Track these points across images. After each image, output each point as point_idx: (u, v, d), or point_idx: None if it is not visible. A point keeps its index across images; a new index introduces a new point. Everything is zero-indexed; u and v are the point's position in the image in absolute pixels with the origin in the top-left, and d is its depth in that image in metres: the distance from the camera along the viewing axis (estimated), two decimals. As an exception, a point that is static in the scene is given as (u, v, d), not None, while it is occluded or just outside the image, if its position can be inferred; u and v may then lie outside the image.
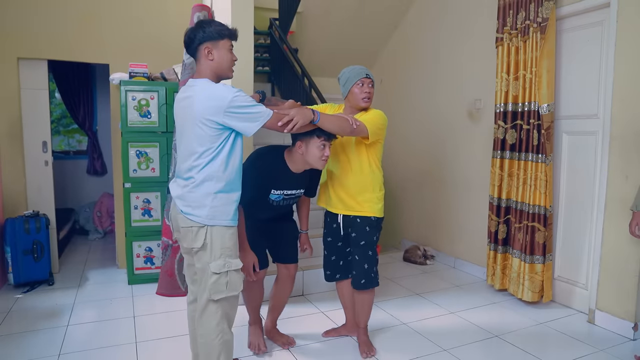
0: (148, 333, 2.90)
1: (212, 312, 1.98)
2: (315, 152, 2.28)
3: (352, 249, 2.59)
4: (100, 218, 5.54)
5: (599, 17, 3.06)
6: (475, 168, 4.07)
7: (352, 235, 2.55)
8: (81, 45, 4.06)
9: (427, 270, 4.28)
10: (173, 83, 3.85)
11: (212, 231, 1.95)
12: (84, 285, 3.77)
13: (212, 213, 1.94)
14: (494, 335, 2.92)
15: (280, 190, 2.40)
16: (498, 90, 3.57)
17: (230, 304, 2.03)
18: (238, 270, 2.02)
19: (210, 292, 1.96)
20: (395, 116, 5.20)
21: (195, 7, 3.44)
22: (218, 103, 1.87)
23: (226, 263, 1.96)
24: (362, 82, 2.49)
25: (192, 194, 1.96)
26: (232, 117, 1.89)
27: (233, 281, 1.99)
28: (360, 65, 2.59)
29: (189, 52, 2.04)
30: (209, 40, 1.96)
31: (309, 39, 5.04)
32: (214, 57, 1.98)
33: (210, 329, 1.99)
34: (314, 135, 2.25)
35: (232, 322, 2.07)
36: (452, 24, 4.34)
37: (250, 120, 1.92)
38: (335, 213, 2.60)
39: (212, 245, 1.95)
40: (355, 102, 2.51)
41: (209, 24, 1.99)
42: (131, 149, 3.74)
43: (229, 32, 2.02)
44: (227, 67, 2.03)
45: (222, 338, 1.99)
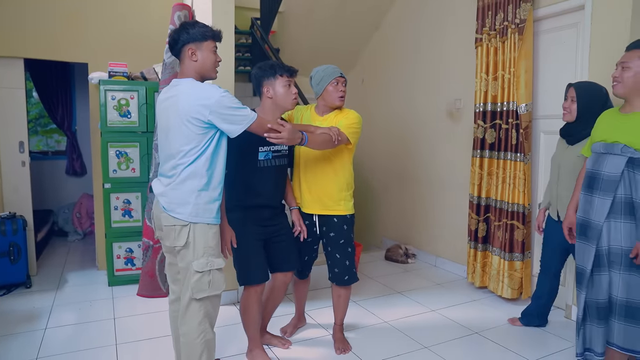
0: (129, 335, 2.87)
1: (195, 311, 1.98)
2: (282, 91, 2.33)
3: (330, 248, 2.61)
4: (79, 219, 5.45)
5: (574, 19, 3.13)
6: (456, 167, 4.12)
7: (330, 235, 2.59)
8: (59, 44, 3.99)
9: (408, 269, 4.32)
10: (153, 82, 3.81)
11: (195, 229, 1.95)
12: (62, 288, 3.71)
13: (195, 210, 1.95)
14: (474, 332, 2.96)
15: (267, 147, 2.37)
16: (477, 90, 3.63)
17: (213, 304, 2.03)
18: (221, 270, 2.02)
19: (193, 290, 1.96)
20: (376, 116, 5.24)
21: (175, 6, 3.41)
22: (205, 102, 1.89)
23: (209, 262, 1.96)
24: (337, 81, 2.55)
25: (175, 191, 1.96)
26: (218, 117, 1.91)
27: (216, 280, 1.99)
28: (334, 65, 2.63)
29: (174, 53, 2.07)
30: (193, 42, 1.99)
31: (290, 39, 5.04)
32: (197, 58, 2.00)
33: (192, 328, 1.99)
34: (277, 74, 2.32)
35: (214, 321, 2.07)
36: (432, 25, 4.39)
37: (234, 122, 1.94)
38: (310, 213, 2.62)
39: (195, 243, 1.96)
40: (330, 100, 2.56)
41: (193, 25, 2.01)
42: (111, 149, 3.69)
43: (213, 33, 2.04)
44: (211, 68, 2.05)
45: (204, 337, 1.99)
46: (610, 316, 2.13)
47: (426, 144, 4.52)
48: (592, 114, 2.42)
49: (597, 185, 2.12)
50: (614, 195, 2.05)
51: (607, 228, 2.08)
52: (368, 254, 4.72)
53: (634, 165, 2.01)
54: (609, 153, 2.10)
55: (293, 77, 2.39)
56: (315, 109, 2.65)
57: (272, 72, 2.33)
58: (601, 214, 2.08)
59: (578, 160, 2.54)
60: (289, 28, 4.97)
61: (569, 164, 2.61)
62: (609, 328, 2.14)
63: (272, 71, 2.34)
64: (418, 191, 4.65)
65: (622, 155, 2.03)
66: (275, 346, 2.74)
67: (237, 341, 2.73)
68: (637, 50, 2.08)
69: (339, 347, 2.69)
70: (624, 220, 2.05)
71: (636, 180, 2.01)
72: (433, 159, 4.44)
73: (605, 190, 2.08)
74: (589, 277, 2.15)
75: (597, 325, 2.15)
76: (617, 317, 2.10)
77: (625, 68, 2.08)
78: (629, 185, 2.03)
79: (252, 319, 2.47)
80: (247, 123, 1.96)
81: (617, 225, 2.06)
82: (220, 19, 3.14)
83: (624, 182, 2.03)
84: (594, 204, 2.12)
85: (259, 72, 2.37)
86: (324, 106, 2.60)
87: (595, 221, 2.12)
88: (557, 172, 2.70)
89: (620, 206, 2.04)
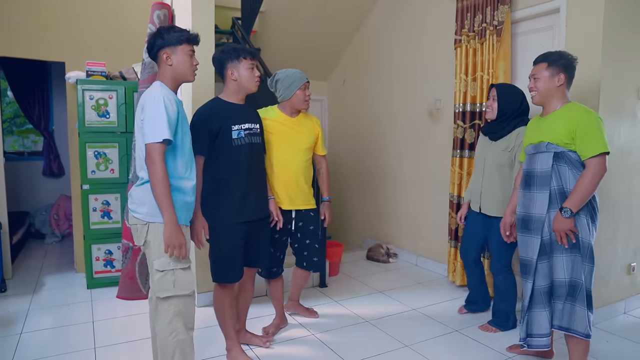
0: (108, 338, 2.83)
1: (163, 310, 1.98)
2: (247, 74, 2.38)
3: (309, 240, 2.86)
4: (57, 221, 5.36)
5: (550, 22, 3.20)
6: (436, 167, 4.16)
7: (309, 228, 2.84)
8: (34, 42, 3.92)
9: (390, 268, 4.35)
10: (132, 82, 3.77)
11: (153, 228, 1.96)
12: (39, 291, 3.64)
13: (151, 210, 1.96)
14: (454, 330, 3.00)
15: (238, 125, 2.40)
16: (457, 91, 3.67)
17: (184, 303, 2.01)
18: (186, 269, 2.01)
19: (155, 289, 1.97)
20: (358, 116, 5.27)
21: (154, 5, 3.38)
22: (140, 106, 1.98)
23: (171, 261, 1.96)
24: (305, 86, 2.75)
25: (135, 192, 2.02)
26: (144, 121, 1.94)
27: (181, 280, 1.98)
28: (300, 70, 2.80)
29: (151, 57, 2.10)
30: (168, 46, 2.02)
31: (272, 39, 5.03)
32: (172, 62, 2.03)
33: (162, 327, 1.99)
34: (240, 57, 2.36)
35: (189, 322, 2.05)
36: (412, 26, 4.43)
37: (143, 134, 1.94)
38: (288, 210, 2.77)
39: (154, 242, 1.97)
40: (298, 104, 2.76)
41: (168, 30, 2.04)
42: (89, 150, 3.63)
43: (188, 37, 2.06)
44: (187, 72, 2.07)
45: (175, 337, 1.99)
46: (553, 299, 2.31)
47: (407, 144, 4.56)
48: (511, 112, 2.82)
49: (534, 182, 2.33)
50: (549, 189, 2.25)
51: (548, 219, 2.26)
52: (350, 254, 4.73)
53: (559, 159, 2.24)
54: (537, 152, 2.33)
55: (255, 60, 2.43)
56: (282, 111, 2.79)
57: (236, 55, 2.37)
58: (542, 206, 2.27)
59: (502, 155, 2.84)
60: (271, 28, 4.96)
61: (493, 158, 2.89)
62: (551, 311, 2.31)
63: (236, 53, 2.37)
64: (399, 191, 4.69)
65: (548, 152, 2.26)
66: (257, 345, 2.73)
67: (217, 343, 2.70)
68: (543, 63, 2.33)
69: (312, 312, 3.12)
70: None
71: (564, 172, 2.23)
72: (414, 159, 4.48)
73: (541, 185, 2.29)
74: (535, 266, 2.31)
75: (542, 309, 2.31)
76: (559, 299, 2.27)
77: (537, 79, 2.34)
78: (560, 178, 2.24)
79: (227, 316, 2.50)
80: (148, 140, 1.90)
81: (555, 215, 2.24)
82: (200, 18, 3.12)
83: (555, 175, 2.25)
84: (534, 199, 2.32)
85: (222, 55, 2.41)
86: (291, 109, 2.78)
87: (537, 214, 2.30)
88: (482, 166, 2.95)
89: (556, 197, 2.25)
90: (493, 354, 2.69)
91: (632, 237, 3.27)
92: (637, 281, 3.37)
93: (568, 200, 2.17)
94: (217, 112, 2.38)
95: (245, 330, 2.78)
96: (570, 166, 2.22)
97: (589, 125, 2.17)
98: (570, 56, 2.31)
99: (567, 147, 2.21)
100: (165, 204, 1.91)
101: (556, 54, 2.33)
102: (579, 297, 2.21)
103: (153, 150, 1.89)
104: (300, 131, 2.80)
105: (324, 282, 3.75)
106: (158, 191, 1.90)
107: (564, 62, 2.28)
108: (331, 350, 2.72)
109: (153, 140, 1.89)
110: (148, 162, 1.91)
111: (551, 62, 2.30)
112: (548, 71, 2.30)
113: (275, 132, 2.73)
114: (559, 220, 2.19)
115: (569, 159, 2.22)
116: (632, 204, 3.23)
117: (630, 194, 3.20)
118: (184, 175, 2.04)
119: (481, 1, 3.45)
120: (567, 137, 2.20)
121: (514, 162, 2.81)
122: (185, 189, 2.04)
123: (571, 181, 2.21)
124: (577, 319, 2.22)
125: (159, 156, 1.89)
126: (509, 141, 2.83)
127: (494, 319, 3.03)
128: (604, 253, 3.06)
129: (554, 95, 2.31)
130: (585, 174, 2.16)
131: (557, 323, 2.29)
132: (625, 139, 3.10)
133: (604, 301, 3.12)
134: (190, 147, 2.10)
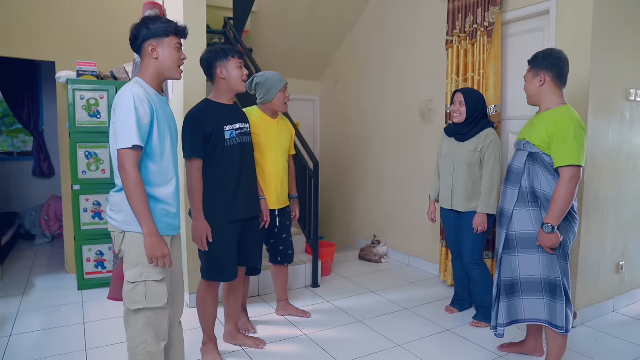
0: (99, 339, 2.81)
1: (133, 321, 1.87)
2: (236, 73, 2.42)
3: (285, 235, 3.01)
4: (47, 222, 5.30)
5: (540, 24, 3.22)
6: (428, 167, 4.18)
7: (286, 223, 3.01)
8: (24, 41, 3.88)
9: (382, 268, 4.37)
10: (124, 82, 3.74)
11: (128, 237, 1.84)
12: (29, 293, 3.61)
13: (127, 218, 1.82)
14: (446, 330, 3.01)
15: (230, 125, 2.42)
16: (448, 92, 3.69)
17: (157, 315, 1.88)
18: (161, 282, 1.87)
19: (126, 301, 1.86)
20: (350, 116, 5.27)
21: (146, 4, 3.36)
22: (113, 107, 1.85)
23: (144, 272, 1.83)
24: (284, 88, 2.86)
25: (113, 197, 1.89)
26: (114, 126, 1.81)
27: (154, 292, 1.85)
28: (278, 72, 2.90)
29: (134, 49, 1.94)
30: (154, 38, 1.87)
31: (264, 39, 5.02)
32: (158, 56, 1.88)
33: (132, 337, 1.89)
34: (229, 56, 2.40)
35: (162, 334, 1.92)
36: (404, 27, 4.44)
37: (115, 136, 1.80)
38: (272, 209, 2.86)
39: (127, 252, 1.85)
40: (279, 106, 2.86)
41: (154, 20, 1.89)
42: (80, 150, 3.61)
43: (176, 29, 1.92)
44: (173, 67, 1.92)
45: (144, 349, 1.87)
46: (516, 293, 2.38)
47: (399, 144, 4.58)
48: (477, 115, 3.00)
49: (510, 177, 2.40)
50: (519, 186, 2.31)
51: (517, 215, 2.33)
52: (342, 254, 4.74)
53: (534, 160, 2.29)
54: (517, 149, 2.41)
55: (242, 60, 2.47)
56: (264, 112, 2.87)
57: (224, 54, 2.41)
58: (512, 202, 2.35)
59: (472, 155, 2.98)
60: (263, 28, 4.95)
61: (463, 158, 3.01)
62: (515, 304, 2.39)
63: (224, 53, 2.41)
64: (392, 191, 4.70)
65: (524, 150, 2.32)
66: (250, 347, 2.73)
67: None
68: (529, 65, 2.39)
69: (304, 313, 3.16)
70: (530, 207, 2.30)
71: (536, 172, 2.27)
72: (406, 159, 4.49)
73: (513, 181, 2.36)
74: (501, 258, 2.40)
75: (507, 300, 2.40)
76: (535, 295, 2.34)
77: (525, 81, 2.42)
78: (531, 177, 2.29)
79: (209, 312, 2.53)
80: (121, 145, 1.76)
81: (524, 212, 2.32)
82: (192, 18, 3.11)
83: (526, 174, 2.30)
84: (506, 194, 2.40)
85: (210, 55, 2.43)
86: (271, 110, 2.87)
87: (506, 209, 2.38)
88: (452, 166, 3.08)
89: (527, 195, 2.30)
90: (484, 352, 2.71)
91: (620, 237, 3.31)
92: (626, 280, 3.41)
93: (547, 215, 2.20)
94: (210, 114, 2.39)
95: (238, 331, 2.78)
96: (543, 168, 2.25)
97: (567, 134, 2.17)
98: (555, 53, 2.32)
99: (541, 150, 2.25)
100: (141, 215, 1.77)
101: (540, 54, 2.36)
102: (559, 294, 2.27)
103: (123, 156, 1.75)
104: (281, 132, 2.92)
105: (317, 282, 3.76)
106: (132, 201, 1.76)
107: (548, 62, 2.29)
108: (323, 350, 2.72)
109: (123, 146, 1.75)
110: (119, 169, 1.77)
111: (533, 64, 2.35)
112: (531, 72, 2.36)
113: (262, 133, 2.78)
114: (543, 237, 2.23)
115: (543, 162, 2.25)
116: (621, 205, 3.26)
117: (618, 195, 3.24)
118: (160, 183, 1.88)
119: (472, 2, 3.48)
120: (544, 140, 2.23)
121: (483, 161, 2.96)
122: (163, 197, 1.89)
123: (543, 183, 2.24)
124: (557, 314, 2.28)
125: (131, 163, 1.75)
126: (478, 142, 2.97)
127: (478, 314, 3.09)
128: (593, 253, 3.10)
129: (540, 96, 2.34)
130: (558, 184, 2.19)
131: (538, 317, 2.35)
132: (613, 139, 3.14)
133: (593, 300, 3.16)
134: (171, 150, 1.93)
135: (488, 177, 2.94)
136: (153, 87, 1.91)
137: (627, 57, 3.17)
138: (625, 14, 3.10)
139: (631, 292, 3.46)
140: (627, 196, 3.30)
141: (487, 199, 2.92)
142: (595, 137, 3.00)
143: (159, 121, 1.86)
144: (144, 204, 1.78)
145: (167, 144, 1.92)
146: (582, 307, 3.07)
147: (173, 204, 1.94)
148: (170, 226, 1.95)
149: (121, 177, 1.78)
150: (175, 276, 2.04)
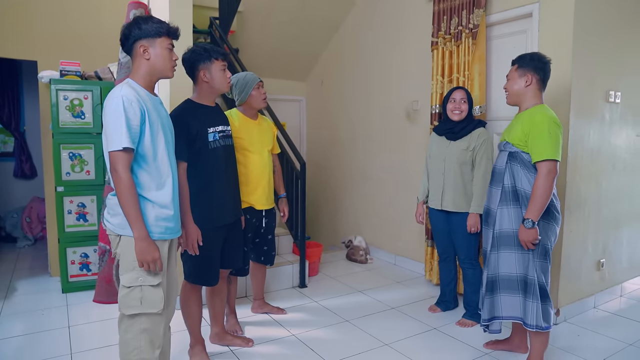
0: (84, 343, 2.78)
1: (127, 326, 1.85)
2: (219, 75, 2.37)
3: (270, 235, 3.03)
4: (30, 224, 5.22)
5: (524, 26, 3.28)
6: (414, 167, 4.22)
7: (272, 224, 3.01)
8: (5, 40, 3.81)
9: (369, 268, 4.40)
10: (108, 82, 3.70)
11: (123, 241, 1.82)
12: (11, 297, 3.55)
13: (123, 222, 1.80)
14: (433, 328, 3.05)
15: (213, 127, 2.40)
16: (434, 92, 3.73)
17: (152, 321, 1.85)
18: (157, 287, 1.84)
19: (121, 306, 1.83)
20: (336, 116, 5.29)
21: (131, 3, 3.33)
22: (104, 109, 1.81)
23: (140, 277, 1.81)
24: (259, 86, 2.83)
25: (110, 200, 1.86)
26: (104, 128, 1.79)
27: (149, 298, 1.82)
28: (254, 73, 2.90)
29: (125, 49, 1.92)
30: (145, 38, 1.85)
31: (250, 39, 5.01)
32: (150, 56, 1.86)
33: (125, 342, 1.85)
34: (212, 58, 2.35)
35: (157, 342, 1.89)
36: (390, 28, 4.48)
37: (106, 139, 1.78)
38: (260, 209, 2.88)
39: (123, 256, 1.83)
40: (256, 104, 2.83)
41: (146, 20, 1.87)
42: (64, 151, 3.56)
43: (168, 29, 1.90)
44: (165, 67, 1.91)
45: (137, 355, 1.84)
46: (502, 291, 2.42)
47: (385, 145, 4.61)
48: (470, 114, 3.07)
49: (494, 178, 2.47)
50: (502, 185, 2.38)
51: (499, 214, 2.40)
52: (329, 254, 4.76)
53: (513, 159, 2.36)
54: (500, 150, 2.48)
55: (226, 61, 2.43)
56: (244, 114, 2.84)
57: (208, 56, 2.35)
58: (495, 201, 2.42)
59: (464, 154, 2.99)
60: (249, 28, 4.94)
61: (454, 158, 3.03)
62: (494, 301, 2.45)
63: (207, 54, 2.35)
64: (377, 191, 4.73)
65: (505, 150, 2.40)
66: (239, 346, 2.73)
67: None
68: (514, 64, 2.45)
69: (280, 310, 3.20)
70: (510, 206, 2.36)
71: (517, 170, 2.34)
72: (391, 159, 4.53)
73: (497, 181, 2.43)
74: (488, 257, 2.47)
75: (489, 297, 2.46)
76: (511, 292, 2.39)
77: (508, 80, 2.46)
78: (512, 176, 2.35)
79: (193, 314, 2.51)
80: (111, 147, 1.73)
81: (504, 211, 2.38)
82: (177, 18, 3.05)
83: (508, 174, 2.37)
84: (492, 194, 2.47)
85: (193, 56, 2.37)
86: (250, 110, 2.85)
87: (492, 208, 2.45)
88: (443, 165, 3.08)
89: (509, 194, 2.36)
90: (470, 350, 2.75)
91: (601, 235, 3.38)
92: (606, 277, 3.49)
93: (528, 211, 2.25)
94: (193, 115, 2.34)
95: (225, 332, 2.78)
96: (522, 166, 2.32)
97: (542, 129, 2.24)
98: (543, 58, 2.39)
99: (520, 148, 2.32)
100: (132, 218, 1.75)
101: (528, 56, 2.42)
102: (530, 292, 2.32)
103: (114, 159, 1.73)
104: (263, 132, 2.91)
105: (304, 282, 3.76)
106: (123, 204, 1.74)
107: (534, 64, 2.36)
108: (311, 349, 2.73)
109: (113, 148, 1.72)
110: (111, 172, 1.75)
111: (520, 64, 2.40)
112: (517, 72, 2.40)
113: (245, 135, 2.77)
114: (523, 232, 2.27)
115: (522, 160, 2.32)
116: (601, 203, 3.34)
117: (599, 194, 3.31)
118: (155, 185, 1.86)
119: (457, 4, 3.52)
120: (521, 138, 2.30)
121: (475, 161, 2.98)
122: (158, 199, 1.86)
123: (523, 181, 2.31)
124: (529, 312, 2.33)
125: (122, 165, 1.72)
126: (470, 141, 3.00)
127: (468, 312, 3.12)
128: (574, 251, 3.16)
129: (523, 96, 2.40)
130: (536, 179, 2.25)
131: (512, 314, 2.41)
132: (594, 140, 3.21)
133: (575, 296, 3.23)
134: (165, 152, 1.90)
135: (481, 177, 2.95)
136: (145, 87, 1.89)
137: (607, 60, 3.24)
138: (605, 18, 3.18)
139: (611, 289, 3.54)
140: (607, 195, 3.38)
141: (480, 199, 2.92)
142: (577, 137, 3.06)
143: (151, 122, 1.83)
144: (134, 207, 1.75)
145: (161, 145, 1.88)
146: (564, 304, 3.14)
147: (170, 206, 1.90)
148: (169, 229, 1.92)
149: (112, 179, 1.75)
150: (170, 280, 2.02)
